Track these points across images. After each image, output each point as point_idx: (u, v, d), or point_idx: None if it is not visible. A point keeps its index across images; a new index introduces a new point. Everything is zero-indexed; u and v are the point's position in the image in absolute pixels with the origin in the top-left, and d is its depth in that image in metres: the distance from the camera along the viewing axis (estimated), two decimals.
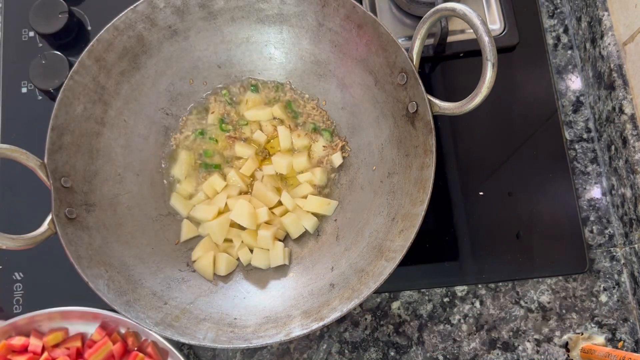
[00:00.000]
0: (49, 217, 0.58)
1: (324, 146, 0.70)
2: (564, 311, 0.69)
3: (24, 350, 0.65)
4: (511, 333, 0.68)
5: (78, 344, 0.65)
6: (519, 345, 0.68)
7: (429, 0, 0.73)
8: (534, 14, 0.77)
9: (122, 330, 0.67)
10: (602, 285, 0.69)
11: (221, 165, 0.71)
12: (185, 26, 0.68)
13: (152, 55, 0.68)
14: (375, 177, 0.66)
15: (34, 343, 0.65)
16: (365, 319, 0.69)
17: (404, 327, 0.69)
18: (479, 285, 0.70)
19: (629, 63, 0.67)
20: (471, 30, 0.68)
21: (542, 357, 0.67)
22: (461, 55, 0.76)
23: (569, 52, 0.77)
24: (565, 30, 0.78)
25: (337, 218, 0.68)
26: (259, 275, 0.67)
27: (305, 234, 0.68)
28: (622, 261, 0.70)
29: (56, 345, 0.66)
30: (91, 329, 0.67)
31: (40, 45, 0.80)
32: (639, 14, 0.65)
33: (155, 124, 0.70)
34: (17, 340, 0.65)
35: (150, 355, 0.65)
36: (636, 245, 0.66)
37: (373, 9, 0.77)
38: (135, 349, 0.66)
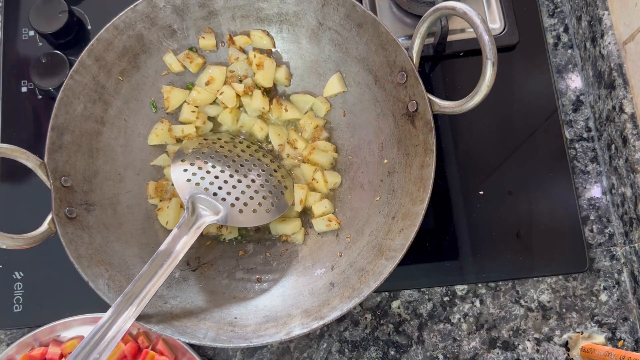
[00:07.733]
0: (49, 217, 0.58)
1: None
2: (564, 310, 0.69)
3: (43, 359, 0.66)
4: (511, 332, 0.68)
5: None
6: (519, 344, 0.68)
7: None
8: (534, 13, 0.77)
9: (134, 332, 0.68)
10: (602, 285, 0.69)
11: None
12: (185, 25, 0.68)
13: (152, 55, 0.68)
14: (375, 176, 0.66)
15: (52, 351, 0.66)
16: (366, 318, 0.69)
17: (404, 326, 0.69)
18: (479, 285, 0.70)
19: (629, 62, 0.67)
20: (471, 30, 0.68)
21: (542, 356, 0.67)
22: (461, 54, 0.76)
23: (569, 51, 0.77)
24: (566, 30, 0.78)
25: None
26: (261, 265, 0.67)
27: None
28: (622, 260, 0.70)
29: None
30: None
31: (40, 44, 0.80)
32: (639, 13, 0.65)
33: (155, 124, 0.70)
34: (36, 351, 0.66)
35: (162, 353, 0.66)
36: (636, 245, 0.66)
37: (373, 8, 0.76)
38: (147, 347, 0.67)
